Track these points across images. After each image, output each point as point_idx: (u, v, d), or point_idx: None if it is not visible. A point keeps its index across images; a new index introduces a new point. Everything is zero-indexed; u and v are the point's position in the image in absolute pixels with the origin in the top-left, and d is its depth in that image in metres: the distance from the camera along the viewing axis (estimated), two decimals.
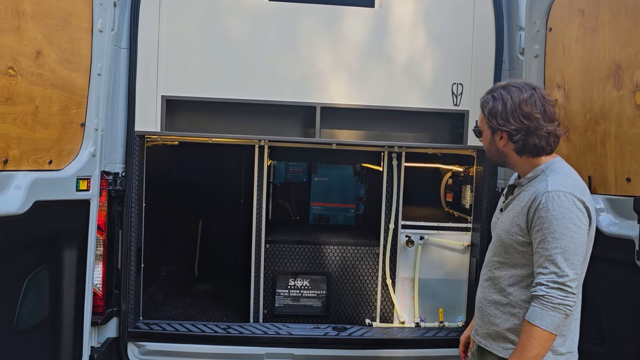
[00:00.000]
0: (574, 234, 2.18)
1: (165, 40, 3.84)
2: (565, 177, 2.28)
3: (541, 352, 2.18)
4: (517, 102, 2.29)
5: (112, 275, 3.77)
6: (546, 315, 2.15)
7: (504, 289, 2.38)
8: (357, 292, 4.28)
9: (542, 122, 2.29)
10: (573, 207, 2.19)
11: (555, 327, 2.17)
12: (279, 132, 4.01)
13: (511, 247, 2.35)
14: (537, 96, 2.31)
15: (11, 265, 2.65)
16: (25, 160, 2.67)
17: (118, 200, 3.78)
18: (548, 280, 2.17)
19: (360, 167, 5.30)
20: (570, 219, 2.18)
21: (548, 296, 2.16)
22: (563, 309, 2.15)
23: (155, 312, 4.43)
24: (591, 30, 2.87)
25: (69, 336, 3.19)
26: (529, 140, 2.31)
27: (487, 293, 2.46)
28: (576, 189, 2.24)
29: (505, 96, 2.32)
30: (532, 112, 2.28)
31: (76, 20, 3.02)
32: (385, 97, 3.94)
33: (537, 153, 2.34)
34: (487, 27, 3.95)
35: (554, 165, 2.34)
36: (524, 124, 2.29)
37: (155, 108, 3.85)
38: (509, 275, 2.37)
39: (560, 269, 2.16)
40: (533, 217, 2.25)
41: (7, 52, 2.46)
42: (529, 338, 2.18)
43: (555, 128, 2.32)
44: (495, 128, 2.35)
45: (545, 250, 2.19)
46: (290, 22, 3.90)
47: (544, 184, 2.26)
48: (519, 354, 2.20)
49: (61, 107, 2.94)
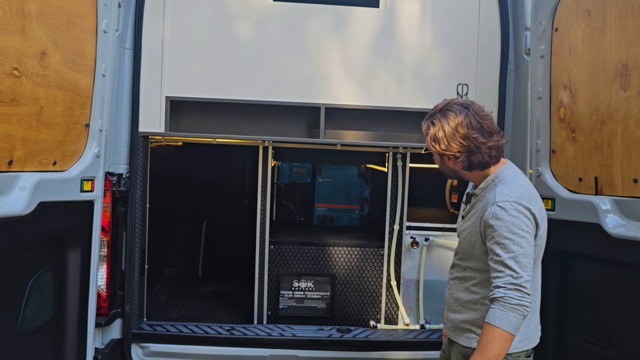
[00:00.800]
0: (522, 240, 2.33)
1: (170, 41, 3.84)
2: (512, 187, 2.43)
3: (501, 352, 2.29)
4: (454, 127, 2.44)
5: (116, 276, 3.77)
6: (506, 316, 2.27)
7: (468, 287, 2.58)
8: (362, 294, 4.26)
9: (480, 140, 2.44)
10: (520, 215, 2.35)
11: (515, 328, 2.28)
12: (283, 132, 4.00)
13: (471, 253, 2.53)
14: (471, 114, 2.45)
15: (16, 266, 2.66)
16: (29, 161, 2.68)
17: (122, 201, 3.77)
18: (505, 282, 2.30)
19: (365, 168, 5.29)
20: (518, 226, 2.34)
21: (507, 297, 2.28)
22: (521, 310, 2.28)
23: (159, 313, 4.43)
24: (597, 30, 2.86)
25: (73, 337, 3.19)
26: (472, 158, 2.47)
27: (453, 291, 2.66)
28: (522, 197, 2.40)
29: (443, 122, 2.47)
30: (469, 134, 2.43)
31: (80, 21, 3.02)
32: (390, 97, 3.93)
33: (484, 167, 2.51)
34: (492, 27, 3.93)
35: (502, 175, 2.51)
36: (464, 145, 2.45)
37: (160, 109, 3.85)
38: (471, 277, 2.57)
39: (515, 271, 2.30)
40: (484, 226, 2.43)
41: (12, 53, 2.47)
42: (489, 339, 2.29)
43: (496, 141, 2.47)
44: (440, 152, 2.52)
45: (498, 256, 2.34)
46: (295, 23, 3.89)
47: (493, 194, 2.44)
48: (480, 354, 2.31)
49: (65, 108, 2.94)
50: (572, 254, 3.13)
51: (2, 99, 2.42)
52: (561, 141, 3.17)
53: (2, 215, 2.45)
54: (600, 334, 2.86)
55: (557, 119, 3.21)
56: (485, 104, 3.87)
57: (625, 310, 2.71)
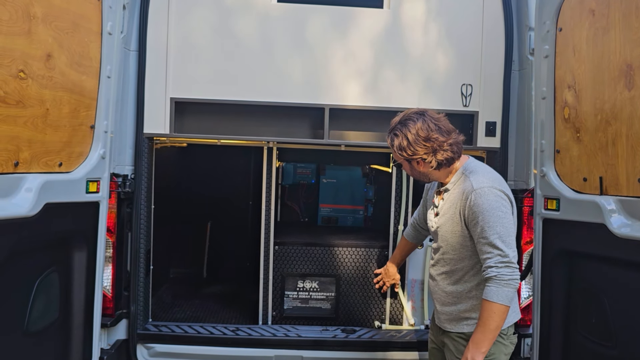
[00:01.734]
0: (503, 220, 2.63)
1: (174, 43, 3.86)
2: (484, 175, 2.75)
3: (500, 323, 2.61)
4: (415, 133, 2.72)
5: (121, 277, 3.78)
6: (501, 292, 2.57)
7: (459, 279, 2.81)
8: (366, 294, 4.26)
9: (441, 139, 2.72)
10: (497, 198, 2.65)
11: (510, 300, 2.60)
12: (287, 133, 4.00)
13: (457, 243, 2.78)
14: (428, 119, 2.74)
15: (22, 267, 2.67)
16: (35, 163, 2.69)
17: (127, 202, 3.79)
18: (496, 262, 2.59)
19: (369, 169, 5.29)
20: (498, 208, 2.63)
21: (500, 275, 2.58)
22: (513, 284, 2.59)
23: (165, 314, 4.44)
24: (602, 30, 2.85)
25: (79, 338, 3.20)
26: (437, 156, 2.74)
27: (444, 286, 2.88)
28: (496, 182, 2.72)
29: (405, 131, 2.75)
30: (430, 135, 2.71)
31: (86, 24, 3.03)
32: (394, 98, 3.93)
33: (450, 163, 2.79)
34: (496, 28, 3.93)
35: (470, 166, 2.81)
36: (428, 146, 2.72)
37: (164, 110, 3.87)
38: (460, 268, 2.80)
39: (502, 250, 2.59)
40: (468, 213, 2.68)
41: (18, 55, 2.48)
42: (490, 314, 2.58)
43: (454, 138, 2.77)
44: (408, 159, 2.79)
45: (485, 238, 2.62)
46: (299, 24, 3.90)
47: (469, 183, 2.71)
48: (482, 327, 2.61)
49: (71, 109, 2.96)
50: (576, 254, 3.12)
51: (8, 101, 2.44)
52: (566, 141, 3.17)
53: (9, 216, 2.46)
54: (605, 333, 2.85)
55: (561, 119, 3.20)
56: (489, 104, 3.97)
57: (630, 310, 2.71)
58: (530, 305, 3.61)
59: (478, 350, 2.61)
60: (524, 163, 3.84)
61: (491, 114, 3.96)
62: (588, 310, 3.01)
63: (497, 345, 2.73)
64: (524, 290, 3.75)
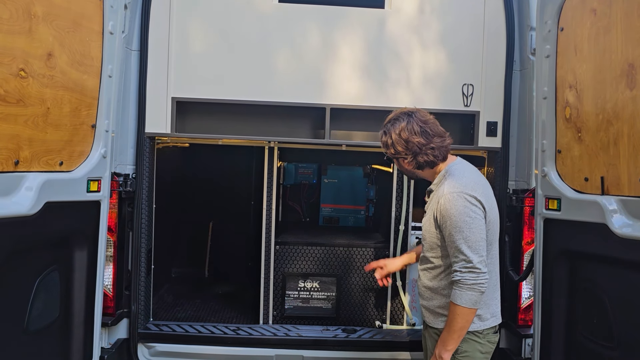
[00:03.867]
0: (471, 225, 2.66)
1: (176, 42, 3.86)
2: (458, 179, 2.76)
3: (465, 324, 2.69)
4: (397, 133, 2.81)
5: (122, 276, 3.79)
6: (464, 295, 2.64)
7: (436, 276, 2.88)
8: (367, 294, 4.26)
9: (422, 142, 2.79)
10: (466, 203, 2.68)
11: (474, 303, 2.65)
12: (288, 133, 4.00)
13: (433, 242, 2.85)
14: (414, 122, 2.80)
15: (22, 265, 2.67)
16: (36, 162, 2.69)
17: (128, 202, 3.80)
18: (461, 266, 2.67)
19: (370, 169, 5.29)
20: (466, 213, 2.66)
21: (463, 279, 2.65)
22: (477, 288, 2.64)
23: (166, 313, 4.45)
24: (603, 29, 2.84)
25: (80, 337, 3.21)
26: (418, 159, 2.83)
27: (424, 281, 2.96)
28: (467, 187, 2.72)
29: (390, 129, 2.85)
30: (410, 138, 2.79)
31: (87, 23, 3.04)
32: (395, 98, 3.93)
33: (432, 165, 2.86)
34: (497, 27, 3.93)
35: (451, 169, 2.83)
36: (408, 148, 2.81)
37: (166, 110, 3.87)
38: (436, 265, 2.87)
39: (467, 256, 2.65)
40: (439, 217, 2.75)
41: (18, 54, 2.48)
42: (454, 315, 2.69)
43: (439, 143, 2.81)
44: (391, 157, 2.93)
45: (453, 242, 2.69)
46: (300, 24, 3.90)
47: (442, 188, 2.76)
48: (448, 327, 2.72)
49: (72, 108, 2.96)
50: (578, 254, 3.11)
51: (9, 99, 2.44)
52: (567, 141, 3.16)
53: (9, 215, 2.47)
54: (607, 334, 2.84)
55: (562, 119, 3.20)
56: (491, 104, 3.96)
57: (631, 310, 2.70)
58: (531, 305, 3.60)
59: (444, 348, 2.73)
60: (525, 163, 3.84)
61: (492, 114, 3.95)
62: (589, 310, 3.00)
63: (470, 343, 2.79)
64: (525, 291, 3.75)
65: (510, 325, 3.82)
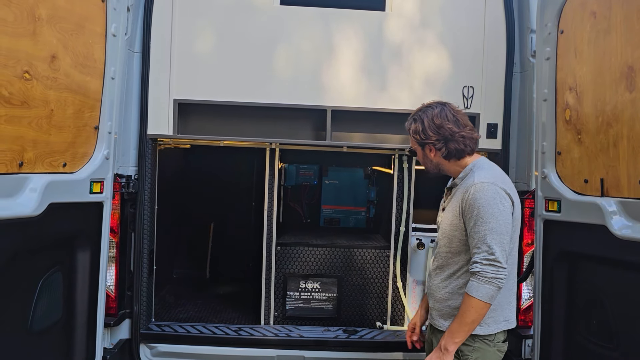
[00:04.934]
0: (498, 217, 2.59)
1: (178, 44, 3.88)
2: (488, 171, 2.75)
3: (477, 318, 2.60)
4: (430, 119, 2.79)
5: (124, 277, 3.81)
6: (481, 288, 2.56)
7: (452, 274, 2.78)
8: (368, 295, 4.28)
9: (454, 129, 2.76)
10: (496, 195, 2.62)
11: (490, 298, 2.57)
12: (290, 135, 4.02)
13: (453, 236, 2.76)
14: (447, 110, 2.81)
15: (26, 266, 2.69)
16: (40, 163, 2.71)
17: (131, 203, 3.81)
18: (481, 258, 2.58)
19: (371, 170, 5.30)
20: (495, 205, 2.60)
21: (482, 272, 2.56)
22: (496, 282, 2.56)
23: (167, 314, 4.46)
24: (603, 32, 2.86)
25: (82, 337, 3.23)
26: (449, 145, 2.78)
27: (437, 280, 2.86)
28: (498, 179, 2.70)
29: (422, 116, 2.82)
30: (443, 123, 2.76)
31: (90, 25, 3.06)
32: (396, 100, 3.95)
33: (460, 155, 2.81)
34: (498, 30, 3.94)
35: (479, 163, 2.81)
36: (440, 134, 2.77)
37: (168, 111, 3.89)
38: (454, 262, 2.78)
39: (490, 247, 2.57)
40: (465, 206, 2.68)
41: (22, 56, 2.50)
42: (467, 307, 2.59)
43: (468, 132, 2.80)
44: (421, 143, 2.84)
45: (477, 232, 2.61)
46: (302, 26, 3.92)
47: (472, 178, 2.71)
48: (459, 319, 2.62)
49: (75, 110, 2.98)
50: (577, 256, 3.13)
51: (13, 101, 2.46)
52: (567, 143, 3.18)
53: (13, 216, 2.48)
54: (606, 335, 2.86)
55: (562, 121, 3.21)
56: (491, 106, 3.98)
57: (631, 311, 2.71)
58: (531, 306, 3.61)
59: (452, 340, 2.63)
60: (525, 165, 3.85)
61: (493, 116, 3.97)
62: (589, 311, 3.02)
63: (479, 351, 2.70)
64: (525, 292, 3.76)
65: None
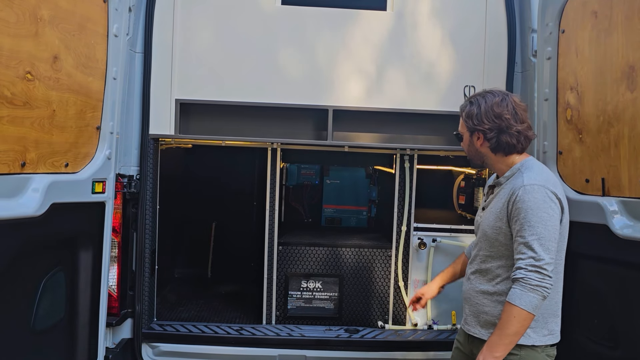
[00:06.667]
0: (547, 222, 2.42)
1: (179, 45, 3.89)
2: (539, 173, 2.55)
3: (520, 329, 2.39)
4: (490, 105, 2.59)
5: (126, 276, 3.82)
6: (525, 296, 2.36)
7: (492, 279, 2.60)
8: (370, 294, 4.28)
9: (512, 122, 2.57)
10: (546, 198, 2.44)
11: (534, 307, 2.37)
12: (291, 135, 4.03)
13: (496, 240, 2.58)
14: (509, 100, 2.61)
15: (28, 266, 2.70)
16: (42, 163, 2.72)
17: (132, 203, 3.82)
18: (527, 264, 2.39)
19: (373, 170, 5.31)
20: (544, 209, 2.43)
21: (527, 278, 2.37)
22: (540, 291, 2.36)
23: (169, 313, 4.47)
24: (604, 32, 2.86)
25: (85, 336, 3.23)
26: (501, 137, 2.59)
27: (475, 284, 2.67)
28: (549, 182, 2.51)
29: (481, 100, 2.63)
30: (502, 113, 2.57)
31: (92, 26, 3.06)
32: (397, 99, 3.95)
33: (509, 151, 2.62)
34: (499, 29, 3.95)
35: (528, 163, 2.61)
36: (496, 123, 2.58)
37: (170, 111, 3.90)
38: (495, 267, 2.60)
39: (537, 253, 2.38)
40: (512, 209, 2.49)
41: (25, 57, 2.51)
42: (509, 317, 2.38)
43: (524, 128, 2.60)
44: (472, 128, 2.65)
45: (522, 237, 2.42)
46: (303, 26, 3.93)
47: (521, 179, 2.52)
48: (500, 331, 2.41)
49: (77, 110, 2.99)
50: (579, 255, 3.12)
51: (16, 102, 2.47)
52: (568, 142, 3.18)
53: (16, 216, 2.50)
54: (608, 335, 2.86)
55: (564, 121, 3.21)
56: None
57: (632, 311, 2.71)
58: None
59: (491, 354, 2.41)
60: None
61: None
62: (590, 311, 3.02)
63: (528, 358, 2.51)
64: None
65: None
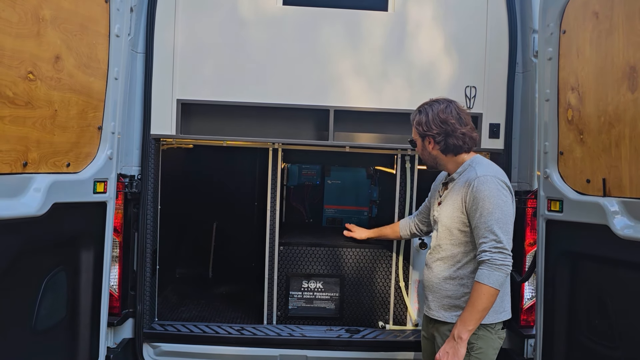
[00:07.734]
0: (503, 208, 2.77)
1: (181, 45, 3.89)
2: (488, 166, 2.93)
3: (488, 305, 2.73)
4: (436, 112, 2.95)
5: (128, 276, 3.82)
6: (492, 275, 2.71)
7: (453, 264, 2.93)
8: (371, 295, 4.28)
9: (457, 126, 2.93)
10: (499, 187, 2.81)
11: (500, 284, 2.73)
12: (292, 135, 4.03)
13: (455, 229, 2.91)
14: (453, 107, 2.97)
15: (30, 266, 2.70)
16: (44, 163, 2.73)
17: (134, 203, 3.82)
18: (490, 246, 2.74)
19: (374, 170, 5.30)
20: (499, 196, 2.78)
21: (492, 259, 2.72)
22: (505, 269, 2.73)
23: (170, 313, 4.47)
24: (605, 32, 2.86)
25: (86, 336, 3.24)
26: (448, 140, 2.94)
27: (438, 272, 2.99)
28: (499, 173, 2.90)
29: (428, 109, 2.99)
30: (448, 119, 2.92)
31: (94, 26, 3.07)
32: (398, 100, 3.96)
33: (458, 151, 2.98)
34: (500, 30, 3.95)
35: (477, 159, 2.99)
36: (443, 128, 2.93)
37: (171, 112, 3.90)
38: (456, 253, 2.93)
39: (497, 236, 2.73)
40: (469, 198, 2.83)
41: (26, 57, 2.51)
42: (479, 295, 2.72)
43: (468, 130, 2.97)
44: (423, 134, 3.01)
45: (483, 223, 2.76)
46: (305, 26, 3.93)
47: (474, 172, 2.87)
48: (471, 307, 2.74)
49: (79, 110, 2.99)
50: (580, 256, 3.13)
51: (17, 102, 2.47)
52: (569, 143, 3.18)
53: (18, 216, 2.50)
54: (609, 335, 2.86)
55: (565, 121, 3.22)
56: (493, 106, 3.99)
57: (633, 311, 2.71)
58: (533, 306, 3.62)
59: (465, 328, 2.73)
60: (527, 164, 3.86)
61: (495, 116, 3.98)
62: (591, 311, 3.02)
63: (484, 339, 2.86)
64: (527, 292, 3.76)
65: (512, 325, 3.83)
